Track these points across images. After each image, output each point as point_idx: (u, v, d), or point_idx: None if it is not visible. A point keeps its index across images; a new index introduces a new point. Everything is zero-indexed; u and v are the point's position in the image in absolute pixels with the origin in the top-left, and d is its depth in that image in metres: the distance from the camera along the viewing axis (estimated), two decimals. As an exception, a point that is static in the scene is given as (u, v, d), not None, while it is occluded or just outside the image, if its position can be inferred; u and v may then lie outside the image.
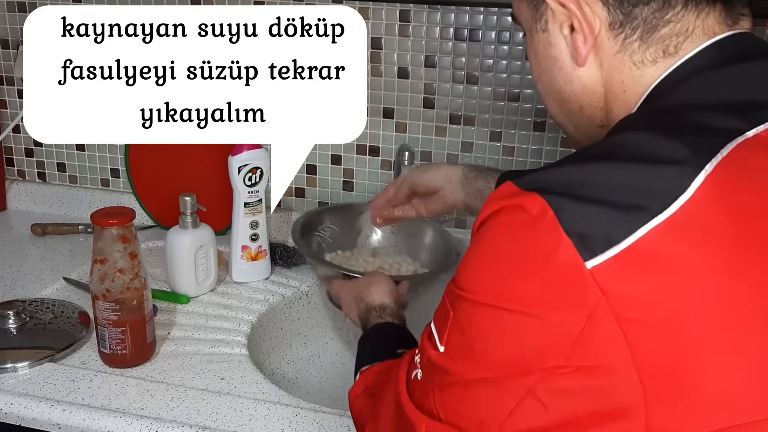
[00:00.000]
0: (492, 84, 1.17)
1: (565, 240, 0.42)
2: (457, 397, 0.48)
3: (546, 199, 0.44)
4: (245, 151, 1.08)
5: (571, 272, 0.42)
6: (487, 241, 0.47)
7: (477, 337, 0.47)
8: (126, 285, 0.86)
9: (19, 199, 1.42)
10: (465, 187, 0.91)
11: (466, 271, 0.49)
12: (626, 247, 0.42)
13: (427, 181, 0.95)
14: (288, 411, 0.82)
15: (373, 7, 1.17)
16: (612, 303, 0.41)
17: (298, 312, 1.14)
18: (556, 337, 0.43)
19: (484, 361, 0.46)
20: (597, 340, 0.42)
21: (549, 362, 0.43)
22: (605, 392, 0.42)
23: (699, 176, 0.43)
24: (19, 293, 1.07)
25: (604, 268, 0.42)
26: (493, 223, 0.47)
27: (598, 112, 0.57)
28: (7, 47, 1.34)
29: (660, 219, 0.42)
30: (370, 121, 1.23)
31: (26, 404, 0.81)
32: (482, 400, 0.47)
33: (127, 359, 0.88)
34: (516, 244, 0.45)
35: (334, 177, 1.28)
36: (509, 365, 0.45)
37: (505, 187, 0.47)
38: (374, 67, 1.20)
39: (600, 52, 0.54)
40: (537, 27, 0.57)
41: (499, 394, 0.46)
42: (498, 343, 0.46)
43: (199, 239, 1.06)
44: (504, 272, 0.46)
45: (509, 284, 0.45)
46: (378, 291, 0.86)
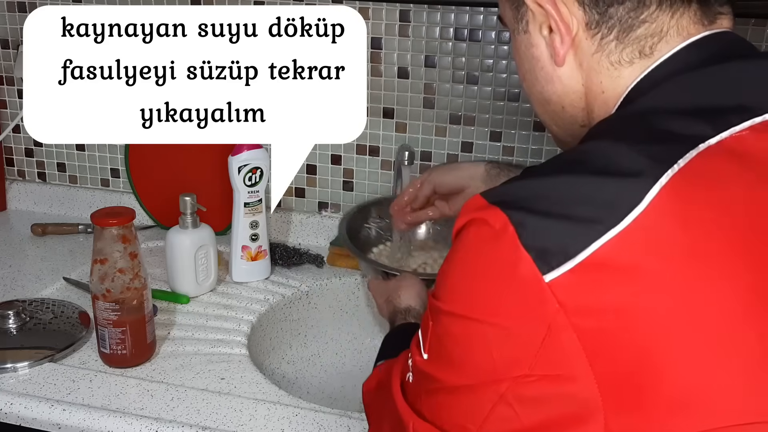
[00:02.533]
0: (492, 84, 1.17)
1: (524, 255, 0.44)
2: (440, 402, 0.51)
3: (507, 214, 0.45)
4: (245, 151, 1.08)
5: (530, 286, 0.44)
6: (458, 254, 0.49)
7: (453, 346, 0.49)
8: (126, 285, 0.86)
9: (19, 199, 1.42)
10: (489, 184, 0.90)
11: (442, 283, 0.50)
12: (582, 260, 0.43)
13: (451, 182, 0.94)
14: (288, 411, 0.82)
15: (373, 7, 1.17)
16: (569, 314, 0.43)
17: (298, 312, 1.14)
18: (520, 348, 0.45)
19: (460, 368, 0.48)
20: (557, 350, 0.43)
21: (516, 371, 0.45)
22: (568, 399, 0.44)
23: (654, 188, 0.43)
24: (19, 293, 1.07)
25: (561, 281, 0.43)
26: (464, 235, 0.48)
27: (580, 112, 0.58)
28: (7, 47, 1.34)
29: (614, 232, 0.43)
30: (370, 121, 1.23)
31: (26, 404, 0.81)
32: (461, 406, 0.49)
33: (127, 359, 0.89)
34: (482, 257, 0.47)
35: (334, 177, 1.28)
36: (482, 373, 0.47)
37: (474, 200, 0.48)
38: (374, 67, 1.20)
39: (578, 53, 0.55)
40: (519, 28, 0.58)
41: (475, 400, 0.48)
42: (471, 352, 0.47)
43: (199, 239, 1.06)
44: (473, 284, 0.47)
45: (478, 296, 0.47)
46: (406, 294, 0.87)
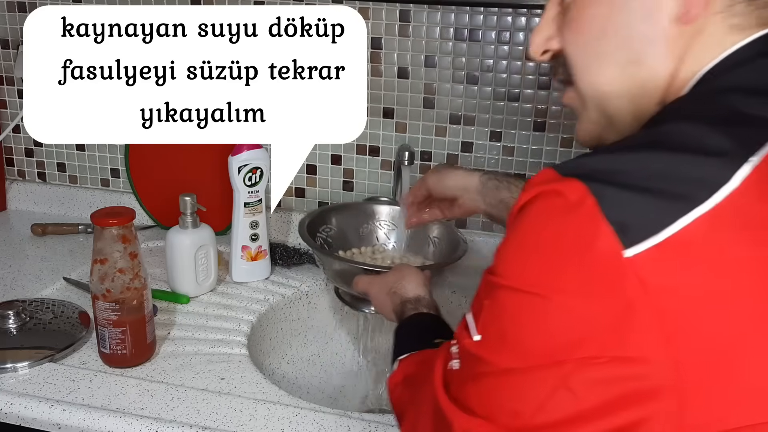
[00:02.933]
0: (492, 84, 1.17)
1: (605, 227, 0.42)
2: (490, 387, 0.48)
3: (586, 185, 0.43)
4: (245, 151, 1.08)
5: (609, 261, 0.42)
6: (524, 228, 0.46)
7: (510, 325, 0.46)
8: (126, 285, 0.86)
9: (19, 199, 1.42)
10: (485, 197, 0.87)
11: (502, 258, 0.48)
12: (667, 236, 0.41)
13: (443, 189, 0.91)
14: (288, 411, 0.82)
15: (373, 7, 1.17)
16: (650, 293, 0.41)
17: (298, 312, 1.14)
18: (590, 327, 0.42)
19: (516, 349, 0.46)
20: (634, 331, 0.41)
21: (582, 352, 0.43)
22: (639, 381, 0.42)
23: (744, 167, 0.42)
24: (19, 293, 1.07)
25: (644, 258, 0.41)
26: (530, 209, 0.46)
27: (666, 84, 0.53)
28: (7, 47, 1.34)
29: (703, 209, 0.41)
30: (370, 121, 1.23)
31: (26, 404, 0.81)
32: (514, 390, 0.46)
33: (127, 359, 0.88)
34: (553, 230, 0.44)
35: (334, 177, 1.28)
36: (542, 354, 0.44)
37: (544, 173, 0.46)
38: (374, 67, 1.20)
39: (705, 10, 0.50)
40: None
41: (530, 384, 0.45)
42: (531, 330, 0.45)
43: (199, 239, 1.06)
44: (540, 258, 0.45)
45: (545, 271, 0.44)
46: (410, 284, 0.84)
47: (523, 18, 1.12)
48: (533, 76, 1.15)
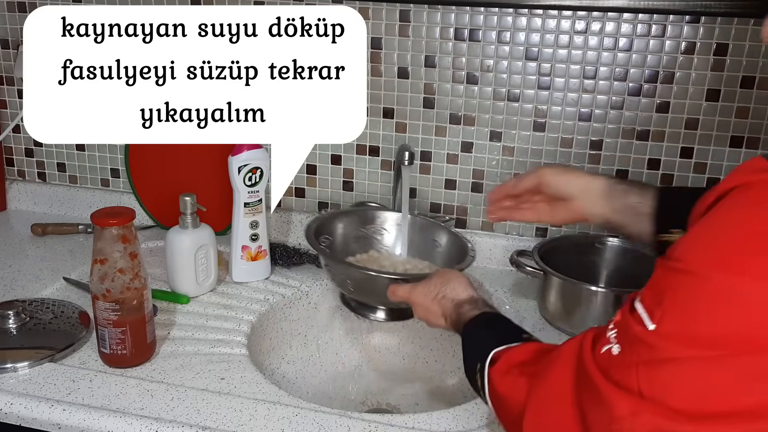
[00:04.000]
0: (492, 84, 1.17)
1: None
2: (668, 374, 0.47)
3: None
4: (245, 151, 1.08)
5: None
6: (726, 214, 0.46)
7: (698, 313, 0.45)
8: (126, 285, 0.86)
9: (19, 199, 1.42)
10: (611, 201, 0.80)
11: (694, 244, 0.47)
12: None
13: (559, 185, 0.83)
14: (288, 411, 0.82)
15: (373, 7, 1.17)
16: None
17: (298, 312, 1.14)
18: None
19: (703, 338, 0.45)
20: None
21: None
22: None
23: None
24: (19, 293, 1.07)
25: None
26: (737, 196, 0.45)
27: None
28: (7, 47, 1.34)
29: None
30: (370, 121, 1.23)
31: (26, 404, 0.81)
32: (698, 378, 0.45)
33: (127, 359, 0.88)
34: (764, 219, 0.43)
35: (334, 177, 1.28)
36: (734, 343, 0.44)
37: (754, 161, 0.46)
38: (374, 67, 1.20)
39: None
40: None
41: (719, 373, 0.44)
42: (724, 319, 0.44)
43: (199, 239, 1.06)
44: (743, 244, 0.44)
45: (750, 256, 0.43)
46: (460, 286, 0.82)
47: (524, 18, 1.12)
48: (534, 76, 1.15)
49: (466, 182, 1.23)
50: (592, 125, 1.16)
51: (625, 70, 1.11)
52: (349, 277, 1.00)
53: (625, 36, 1.10)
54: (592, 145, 1.17)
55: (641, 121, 1.13)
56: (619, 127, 1.15)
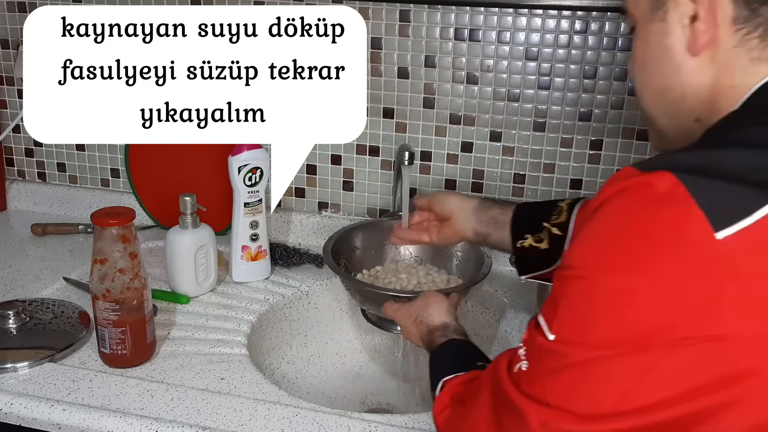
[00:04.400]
0: (492, 84, 1.17)
1: (697, 212, 0.44)
2: (570, 379, 0.49)
3: (677, 176, 0.45)
4: (245, 151, 1.08)
5: (700, 243, 0.44)
6: (607, 219, 0.48)
7: (590, 316, 0.48)
8: (126, 285, 0.86)
9: (19, 199, 1.42)
10: (478, 215, 0.92)
11: (581, 250, 0.49)
12: (757, 219, 0.43)
13: (443, 202, 0.95)
14: (288, 411, 0.82)
15: (373, 7, 1.17)
16: (742, 273, 0.43)
17: (298, 312, 1.14)
18: (682, 308, 0.44)
19: (598, 339, 0.47)
20: (724, 309, 0.43)
21: (673, 334, 0.44)
22: (728, 359, 0.44)
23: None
24: (19, 293, 1.07)
25: (735, 239, 0.43)
26: (615, 201, 0.48)
27: (700, 104, 0.58)
28: (7, 47, 1.34)
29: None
30: (370, 121, 1.23)
31: (26, 404, 0.81)
32: (597, 379, 0.47)
33: (127, 359, 0.88)
34: (641, 217, 0.46)
35: (334, 177, 1.28)
36: (627, 341, 0.46)
37: (626, 170, 0.49)
38: (374, 67, 1.20)
39: (716, 45, 0.56)
40: (654, 17, 0.59)
41: (615, 372, 0.46)
42: (614, 318, 0.46)
43: (199, 239, 1.06)
44: (626, 244, 0.46)
45: (632, 255, 0.46)
46: (437, 311, 0.85)
47: (524, 18, 1.12)
48: (533, 76, 1.15)
49: (466, 182, 1.23)
50: (592, 125, 1.15)
51: (625, 70, 1.11)
52: (356, 290, 1.02)
53: (625, 36, 1.10)
54: (592, 145, 1.17)
55: (641, 121, 1.13)
56: (619, 127, 1.15)
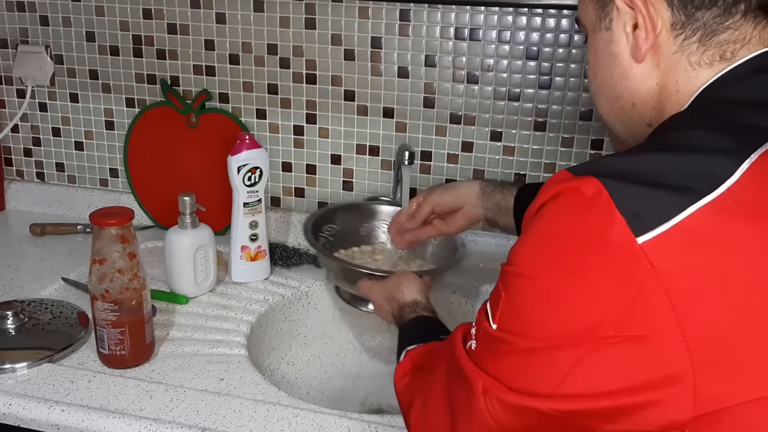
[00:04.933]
0: (492, 83, 1.16)
1: (618, 217, 0.46)
2: (510, 364, 0.52)
3: (601, 181, 0.47)
4: (244, 151, 1.07)
5: (622, 247, 0.45)
6: (545, 222, 0.50)
7: (529, 311, 0.50)
8: (125, 285, 0.85)
9: (18, 199, 1.41)
10: (483, 201, 0.96)
11: (522, 250, 0.52)
12: (675, 223, 0.45)
13: (449, 201, 0.99)
14: (287, 412, 0.82)
15: (373, 6, 1.16)
16: (661, 275, 0.44)
17: (298, 312, 1.13)
18: (606, 308, 0.46)
19: (536, 332, 0.50)
20: (646, 311, 0.45)
21: (600, 332, 0.46)
22: (652, 360, 0.45)
23: (744, 163, 0.47)
24: (17, 293, 1.07)
25: (654, 244, 0.45)
26: (551, 205, 0.50)
27: (649, 110, 0.60)
28: (7, 47, 1.34)
29: (708, 199, 0.45)
30: (370, 121, 1.23)
31: (25, 405, 0.81)
32: (534, 367, 0.50)
33: (126, 360, 0.88)
34: (572, 222, 0.49)
35: (334, 177, 1.28)
36: (559, 336, 0.48)
37: (560, 174, 0.51)
38: (374, 66, 1.19)
39: (658, 51, 0.57)
40: (601, 25, 0.61)
41: (549, 362, 0.49)
42: (550, 315, 0.49)
43: (198, 239, 1.06)
44: (559, 247, 0.49)
45: (564, 258, 0.48)
46: (408, 289, 0.90)
47: (524, 17, 1.12)
48: (534, 75, 1.14)
49: (466, 182, 1.23)
50: (593, 125, 1.15)
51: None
52: (336, 269, 1.06)
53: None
54: (592, 145, 1.16)
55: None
56: (619, 126, 1.14)
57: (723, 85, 0.55)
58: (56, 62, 1.32)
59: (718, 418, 0.45)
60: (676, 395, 0.45)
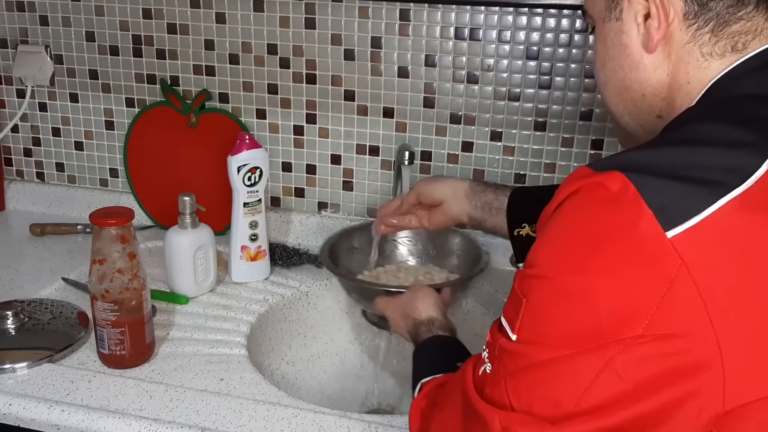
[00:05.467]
0: (493, 83, 1.16)
1: (646, 211, 0.45)
2: (530, 380, 0.49)
3: (627, 176, 0.46)
4: (244, 151, 1.07)
5: (651, 242, 0.44)
6: (565, 219, 0.49)
7: (551, 315, 0.48)
8: (125, 285, 0.85)
9: (18, 199, 1.41)
10: (471, 199, 0.93)
11: (541, 251, 0.50)
12: (705, 217, 0.44)
13: (431, 192, 0.96)
14: (287, 412, 0.81)
15: (373, 6, 1.16)
16: (692, 270, 0.43)
17: (298, 312, 1.13)
18: (635, 306, 0.45)
19: (558, 338, 0.48)
20: (677, 307, 0.44)
21: (627, 332, 0.45)
22: (683, 357, 0.44)
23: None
24: (17, 293, 1.07)
25: (684, 238, 0.44)
26: (572, 202, 0.49)
27: (660, 101, 0.59)
28: (7, 47, 1.34)
29: (736, 192, 0.45)
30: (370, 121, 1.22)
31: (25, 405, 0.81)
32: (556, 379, 0.48)
33: (126, 360, 0.88)
34: (596, 217, 0.47)
35: (334, 177, 1.28)
36: (585, 339, 0.46)
37: (580, 170, 0.49)
38: (374, 66, 1.19)
39: (670, 42, 0.56)
40: (611, 16, 0.60)
41: (574, 370, 0.47)
42: (574, 316, 0.47)
43: (198, 239, 1.06)
44: (584, 244, 0.47)
45: (588, 255, 0.47)
46: (424, 305, 0.86)
47: (524, 17, 1.12)
48: (534, 75, 1.14)
49: (466, 182, 1.23)
50: (592, 125, 1.15)
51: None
52: (351, 289, 1.04)
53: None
54: (593, 145, 1.16)
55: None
56: (619, 126, 1.14)
57: (735, 77, 0.54)
58: (56, 62, 1.32)
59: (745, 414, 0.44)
60: (705, 388, 0.44)
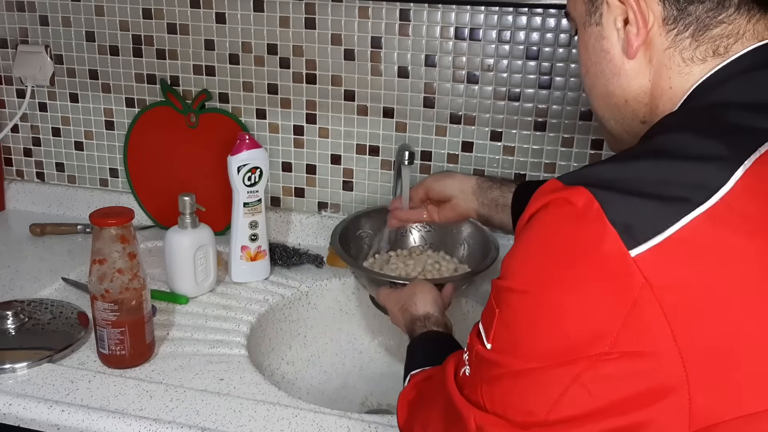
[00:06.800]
0: (493, 83, 1.16)
1: (610, 230, 0.44)
2: (504, 388, 0.50)
3: (591, 192, 0.46)
4: (244, 151, 1.07)
5: (615, 261, 0.44)
6: (535, 234, 0.49)
7: (523, 328, 0.48)
8: (125, 285, 0.85)
9: (18, 199, 1.41)
10: (479, 196, 0.95)
11: (513, 263, 0.50)
12: (669, 235, 0.43)
13: (440, 188, 0.98)
14: (287, 412, 0.81)
15: (373, 6, 1.16)
16: (655, 289, 0.43)
17: (298, 312, 1.13)
18: (601, 324, 0.44)
19: (529, 351, 0.48)
20: (641, 326, 0.43)
21: (594, 349, 0.45)
22: (649, 376, 0.44)
23: (738, 171, 0.45)
24: (17, 293, 1.07)
25: (648, 256, 0.43)
26: (541, 216, 0.49)
27: (643, 107, 0.59)
28: (7, 47, 1.34)
29: (701, 209, 0.44)
30: (370, 121, 1.22)
31: (25, 405, 0.81)
32: (528, 390, 0.48)
33: (126, 360, 0.88)
34: (563, 234, 0.47)
35: (334, 177, 1.28)
36: (555, 354, 0.46)
37: (550, 183, 0.49)
38: (374, 66, 1.19)
39: (650, 47, 0.56)
40: (591, 20, 0.59)
41: (544, 383, 0.47)
42: (544, 331, 0.47)
43: (198, 239, 1.06)
44: (551, 261, 0.47)
45: (556, 272, 0.47)
46: (422, 301, 0.88)
47: (524, 17, 1.12)
48: (534, 75, 1.14)
49: (466, 182, 1.23)
50: (592, 125, 1.15)
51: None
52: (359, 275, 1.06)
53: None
54: (593, 145, 1.16)
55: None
56: (619, 126, 1.14)
57: (716, 83, 0.54)
58: (56, 62, 1.32)
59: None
60: (671, 409, 0.44)
